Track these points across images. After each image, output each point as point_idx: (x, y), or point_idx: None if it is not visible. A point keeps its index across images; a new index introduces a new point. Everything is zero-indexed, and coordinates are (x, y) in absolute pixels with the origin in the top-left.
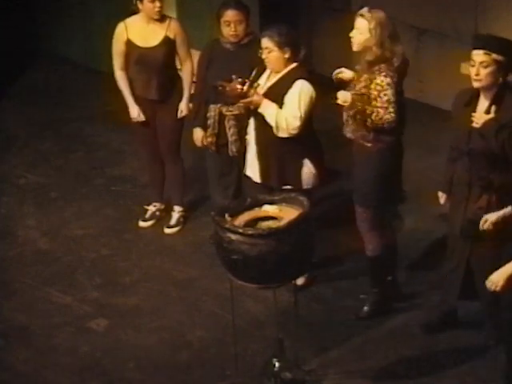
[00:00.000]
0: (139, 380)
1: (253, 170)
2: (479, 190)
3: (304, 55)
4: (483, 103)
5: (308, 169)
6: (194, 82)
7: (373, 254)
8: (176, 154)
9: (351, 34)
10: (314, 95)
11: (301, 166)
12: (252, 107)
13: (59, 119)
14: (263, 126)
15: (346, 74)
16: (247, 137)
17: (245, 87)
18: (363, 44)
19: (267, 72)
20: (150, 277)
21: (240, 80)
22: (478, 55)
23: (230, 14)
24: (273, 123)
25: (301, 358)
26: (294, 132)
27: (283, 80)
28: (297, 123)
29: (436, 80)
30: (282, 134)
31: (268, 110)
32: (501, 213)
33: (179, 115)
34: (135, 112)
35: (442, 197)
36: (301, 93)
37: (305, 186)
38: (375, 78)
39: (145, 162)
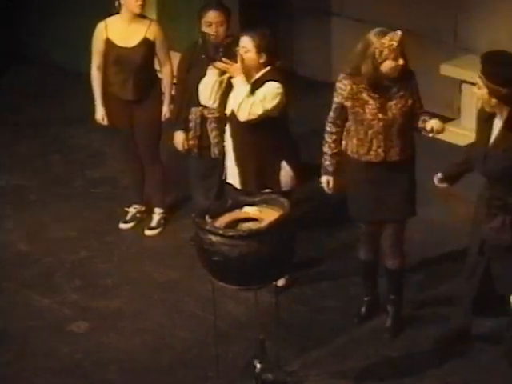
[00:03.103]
0: (121, 382)
1: (233, 176)
2: (495, 209)
3: (281, 63)
4: (498, 122)
5: (286, 171)
6: (174, 84)
7: (400, 267)
8: (155, 155)
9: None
10: (283, 98)
11: (279, 169)
12: (228, 74)
13: (39, 121)
14: (239, 131)
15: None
16: (225, 143)
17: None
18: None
19: (241, 77)
20: (130, 279)
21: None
22: (479, 80)
23: (212, 15)
24: (238, 101)
25: (282, 358)
26: (253, 117)
27: (256, 84)
28: (259, 111)
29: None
30: (242, 117)
31: (240, 85)
32: None
33: (163, 118)
34: (100, 114)
35: (438, 177)
36: (269, 90)
37: (283, 188)
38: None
39: (124, 163)
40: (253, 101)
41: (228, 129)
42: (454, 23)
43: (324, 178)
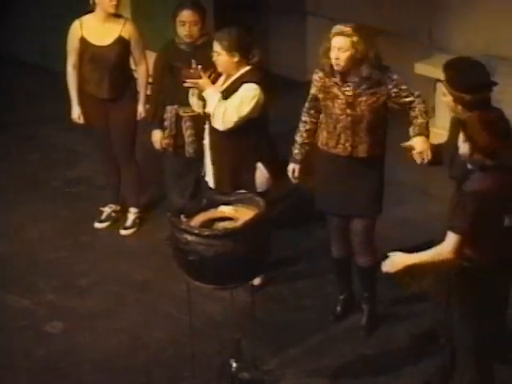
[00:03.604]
0: (96, 382)
1: (209, 175)
2: None
3: (259, 59)
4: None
5: (261, 173)
6: (149, 83)
7: (372, 264)
8: (130, 154)
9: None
10: (260, 99)
11: (254, 170)
12: (199, 89)
13: (14, 121)
14: (216, 131)
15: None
16: (204, 141)
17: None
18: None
19: (223, 76)
20: (106, 279)
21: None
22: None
23: (186, 14)
24: (211, 110)
25: (258, 357)
26: (228, 126)
27: (234, 84)
28: (234, 118)
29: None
30: (217, 125)
31: (211, 96)
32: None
33: (138, 117)
34: (76, 113)
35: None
36: (245, 94)
37: (258, 190)
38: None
39: (99, 163)
40: (225, 109)
41: (207, 127)
42: (429, 23)
43: (290, 166)
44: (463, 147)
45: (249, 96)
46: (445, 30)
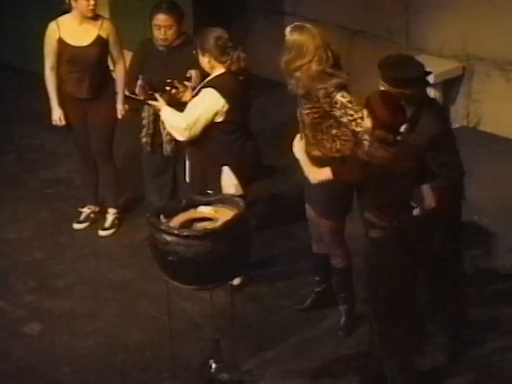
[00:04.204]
0: None
1: (187, 169)
2: None
3: (235, 63)
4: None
5: (228, 178)
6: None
7: (343, 265)
8: (108, 154)
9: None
10: (218, 105)
11: (219, 173)
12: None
13: None
14: None
15: None
16: None
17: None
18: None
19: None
20: (85, 280)
21: (168, 81)
22: (380, 86)
23: (160, 18)
24: (167, 126)
25: (238, 358)
26: (185, 136)
27: (205, 86)
28: (182, 125)
29: (369, 80)
30: (177, 137)
31: (165, 114)
32: None
33: (119, 116)
34: (56, 115)
35: None
36: (196, 100)
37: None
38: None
39: (77, 163)
40: (176, 128)
41: None
42: (406, 24)
43: None
44: (366, 122)
45: (207, 103)
46: (421, 31)
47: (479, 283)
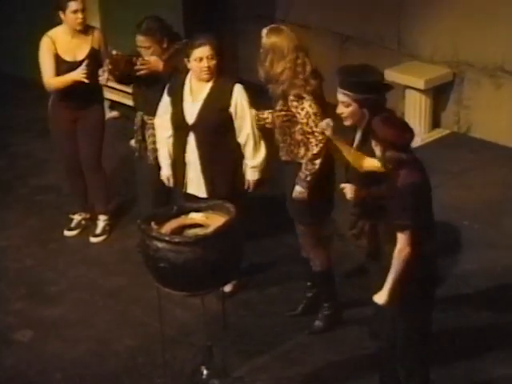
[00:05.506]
0: None
1: (197, 186)
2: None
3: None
4: (359, 132)
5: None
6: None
7: (321, 269)
8: (97, 161)
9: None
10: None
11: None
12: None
13: None
14: (205, 143)
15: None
16: (186, 155)
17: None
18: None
19: None
20: (76, 286)
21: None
22: (339, 95)
23: (139, 39)
24: None
25: (229, 364)
26: None
27: None
28: None
29: None
30: None
31: None
32: None
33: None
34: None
35: None
36: None
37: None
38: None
39: (64, 171)
40: None
41: (192, 141)
42: (397, 30)
43: None
44: (376, 150)
45: None
46: (413, 37)
47: (468, 286)
